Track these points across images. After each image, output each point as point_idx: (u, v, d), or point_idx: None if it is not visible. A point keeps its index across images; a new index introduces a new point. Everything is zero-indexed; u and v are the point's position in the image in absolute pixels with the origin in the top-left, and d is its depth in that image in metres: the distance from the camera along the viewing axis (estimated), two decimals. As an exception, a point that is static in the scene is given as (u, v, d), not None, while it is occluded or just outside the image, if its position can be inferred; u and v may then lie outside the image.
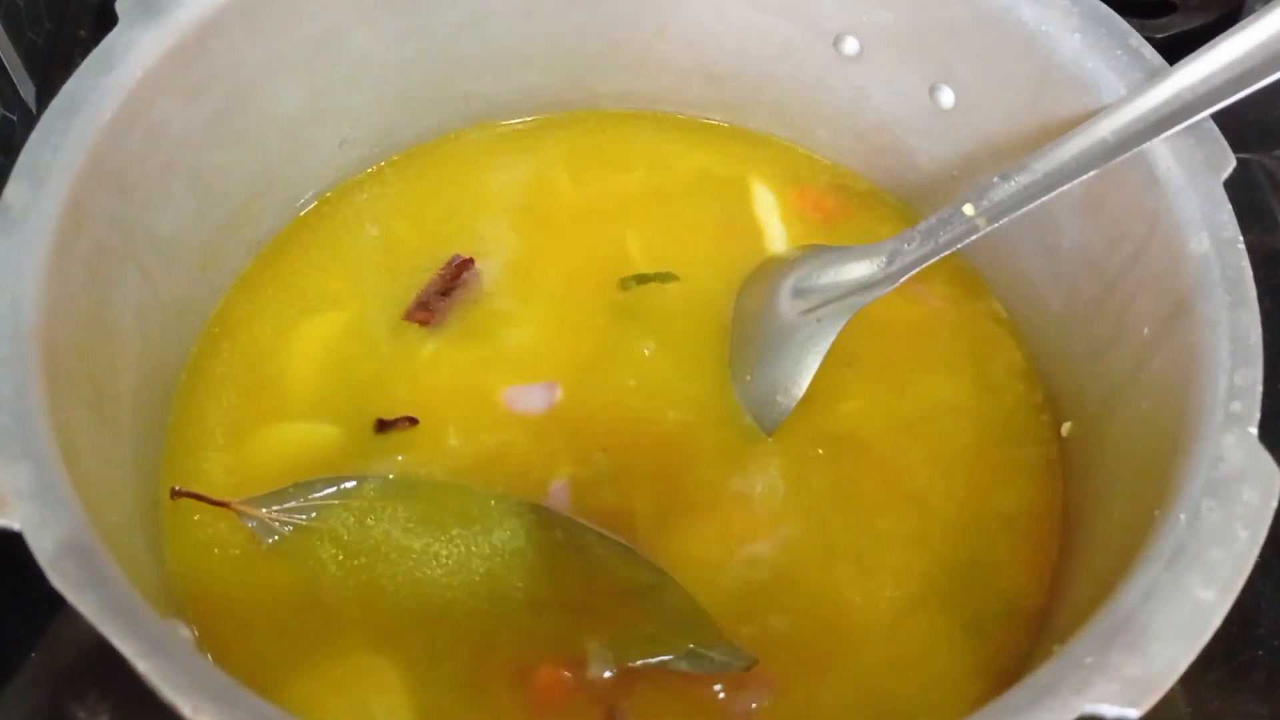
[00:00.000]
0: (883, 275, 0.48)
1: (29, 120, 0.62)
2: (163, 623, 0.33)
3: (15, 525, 0.33)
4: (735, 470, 0.48)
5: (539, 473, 0.48)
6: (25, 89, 0.63)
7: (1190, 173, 0.42)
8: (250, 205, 0.53)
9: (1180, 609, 0.33)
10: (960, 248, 0.46)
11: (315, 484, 0.46)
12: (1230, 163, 0.42)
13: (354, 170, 0.57)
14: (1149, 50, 0.45)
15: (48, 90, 0.63)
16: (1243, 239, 0.41)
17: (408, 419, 0.49)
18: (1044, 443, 0.50)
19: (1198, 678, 0.47)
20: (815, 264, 0.51)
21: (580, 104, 0.61)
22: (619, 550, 0.45)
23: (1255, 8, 0.50)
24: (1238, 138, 0.43)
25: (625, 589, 0.44)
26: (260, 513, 0.45)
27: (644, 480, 0.48)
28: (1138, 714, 0.31)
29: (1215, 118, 0.42)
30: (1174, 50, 0.43)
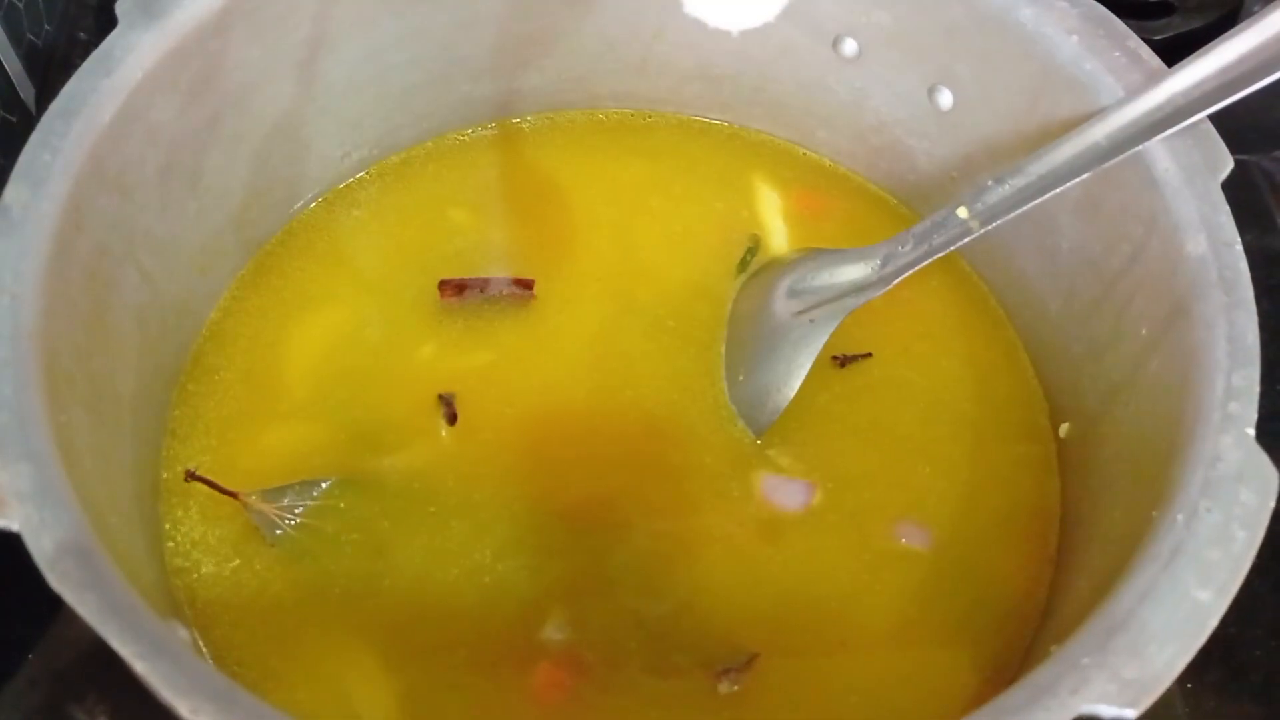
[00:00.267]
0: (876, 277, 0.48)
1: (29, 122, 0.61)
2: (161, 624, 0.33)
3: (14, 526, 0.33)
4: (729, 470, 0.48)
5: (538, 473, 0.48)
6: (25, 91, 0.63)
7: (1188, 174, 0.42)
8: (250, 206, 0.53)
9: (1178, 609, 0.33)
10: (958, 249, 0.47)
11: (316, 483, 0.46)
12: (1228, 164, 0.42)
13: (353, 171, 0.57)
14: (1147, 52, 0.45)
15: (47, 92, 0.63)
16: (1240, 240, 0.41)
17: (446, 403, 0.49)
18: (1042, 443, 0.50)
19: (1195, 678, 0.47)
20: (811, 266, 0.51)
21: (580, 104, 0.61)
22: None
23: (1254, 9, 0.50)
24: (1236, 139, 0.43)
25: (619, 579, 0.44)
26: (266, 507, 0.45)
27: (640, 479, 0.48)
28: (1135, 714, 0.31)
29: (1213, 119, 0.42)
30: (1172, 52, 0.44)
